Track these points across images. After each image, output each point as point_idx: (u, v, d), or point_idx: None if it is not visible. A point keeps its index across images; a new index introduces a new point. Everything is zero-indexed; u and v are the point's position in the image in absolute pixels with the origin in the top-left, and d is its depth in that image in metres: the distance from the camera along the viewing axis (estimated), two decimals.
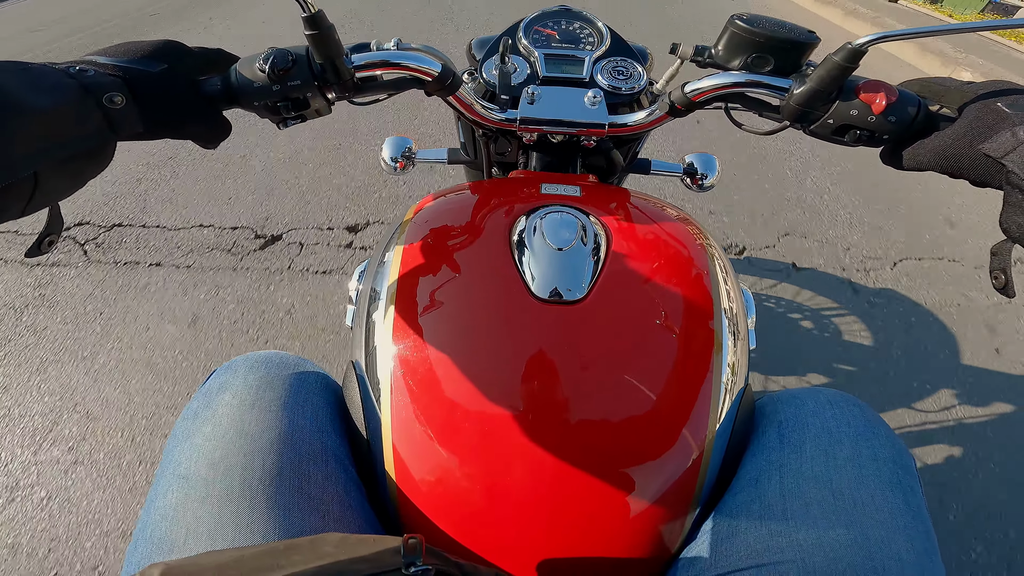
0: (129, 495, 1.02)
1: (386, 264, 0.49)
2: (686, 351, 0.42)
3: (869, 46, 0.36)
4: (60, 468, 1.06)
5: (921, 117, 0.39)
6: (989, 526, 1.03)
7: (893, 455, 0.39)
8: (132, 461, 1.07)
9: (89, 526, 0.97)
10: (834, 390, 0.45)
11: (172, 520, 0.34)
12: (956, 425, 1.20)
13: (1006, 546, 1.00)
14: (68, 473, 1.05)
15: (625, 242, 0.48)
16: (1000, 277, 0.36)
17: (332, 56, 0.39)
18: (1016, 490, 1.09)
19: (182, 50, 0.38)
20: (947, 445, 1.16)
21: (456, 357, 0.41)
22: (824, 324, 1.43)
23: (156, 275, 1.51)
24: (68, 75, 0.32)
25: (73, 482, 1.03)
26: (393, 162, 0.74)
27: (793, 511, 0.36)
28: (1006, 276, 0.36)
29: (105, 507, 1.00)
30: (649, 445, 0.39)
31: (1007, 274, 0.36)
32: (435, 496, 0.38)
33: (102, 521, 0.98)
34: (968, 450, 1.15)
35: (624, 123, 0.55)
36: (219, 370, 0.45)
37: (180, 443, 0.39)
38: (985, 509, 1.05)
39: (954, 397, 1.26)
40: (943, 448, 1.15)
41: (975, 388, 1.29)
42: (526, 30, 0.64)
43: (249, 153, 2.05)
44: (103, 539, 0.95)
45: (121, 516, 0.98)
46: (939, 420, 1.22)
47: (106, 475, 1.05)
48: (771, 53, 0.44)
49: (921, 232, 1.82)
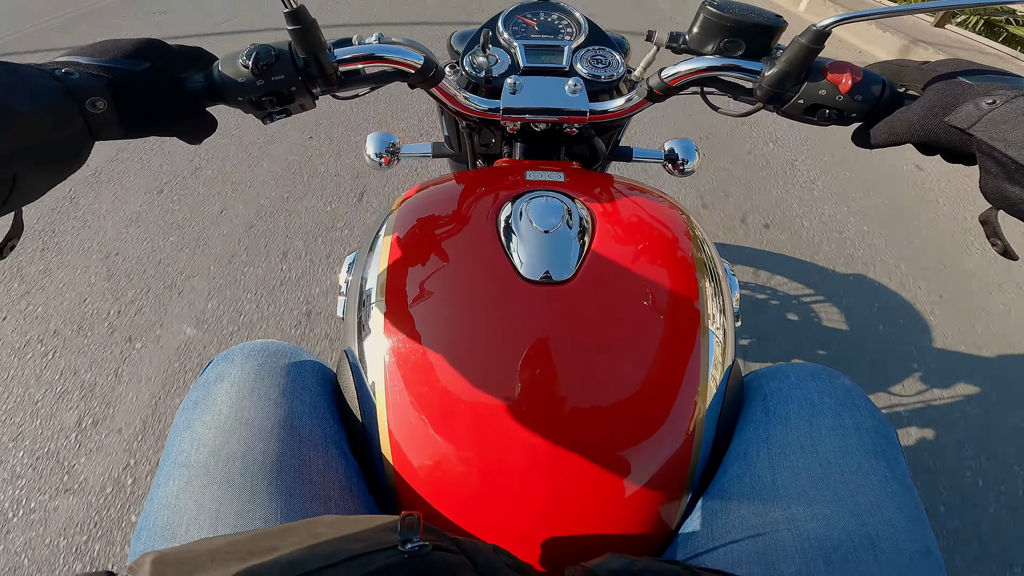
0: None
1: (375, 254, 0.49)
2: (673, 330, 0.43)
3: (833, 27, 0.38)
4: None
5: (887, 96, 0.40)
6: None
7: (875, 424, 0.40)
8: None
9: None
10: (815, 364, 0.47)
11: (174, 508, 0.34)
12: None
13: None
14: None
15: (610, 224, 0.49)
16: (997, 243, 0.37)
17: (315, 51, 0.40)
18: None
19: (163, 48, 0.38)
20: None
21: (448, 341, 0.42)
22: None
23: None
24: (54, 77, 0.32)
25: None
26: (378, 158, 0.74)
27: (783, 481, 0.37)
28: (1002, 241, 0.36)
29: None
30: (642, 422, 0.39)
31: (1002, 239, 0.36)
32: (433, 479, 0.39)
33: None
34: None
35: (604, 110, 0.57)
36: (216, 360, 0.45)
37: (181, 432, 0.39)
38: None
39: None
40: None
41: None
42: (506, 22, 0.65)
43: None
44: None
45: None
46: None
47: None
48: (742, 37, 0.46)
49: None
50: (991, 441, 1.18)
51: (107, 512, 0.97)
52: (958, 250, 1.72)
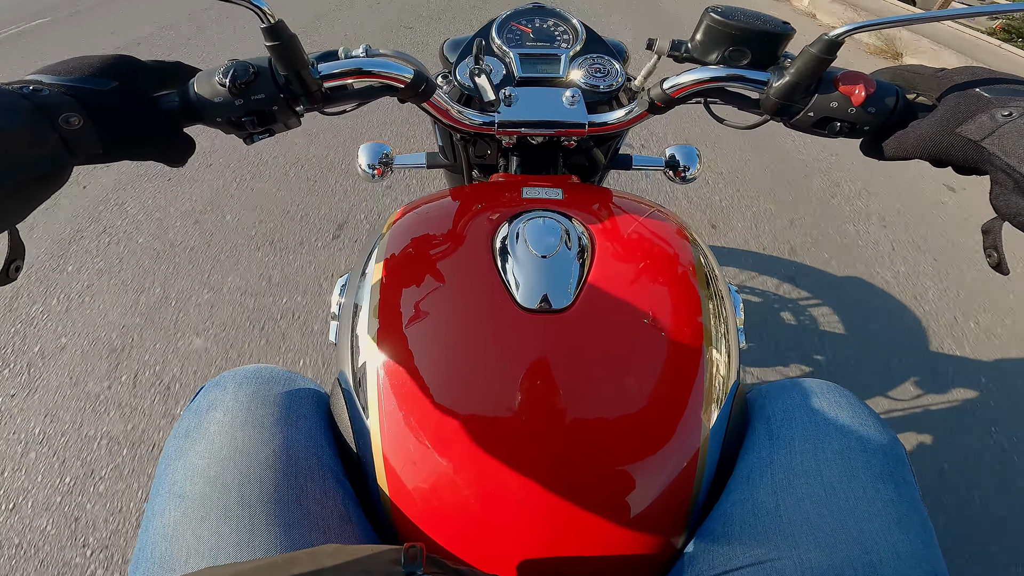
0: None
1: (367, 277, 0.48)
2: (676, 351, 0.42)
3: (845, 37, 0.36)
4: None
5: (900, 107, 0.38)
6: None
7: (882, 445, 0.39)
8: None
9: None
10: (820, 380, 0.45)
11: (171, 540, 0.34)
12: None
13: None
14: None
15: (610, 244, 0.47)
16: (993, 255, 0.36)
17: (297, 67, 0.38)
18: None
19: (135, 64, 0.36)
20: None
21: (443, 369, 0.40)
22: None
23: None
24: (21, 96, 0.30)
25: None
26: (371, 169, 0.73)
27: (786, 508, 0.36)
28: (998, 253, 0.36)
29: None
30: (645, 447, 0.38)
31: (999, 251, 0.36)
32: (431, 508, 0.38)
33: None
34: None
35: (604, 122, 0.54)
36: (207, 387, 0.44)
37: (173, 462, 0.38)
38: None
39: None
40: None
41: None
42: (499, 30, 0.63)
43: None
44: None
45: None
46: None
47: None
48: (747, 46, 0.44)
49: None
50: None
51: None
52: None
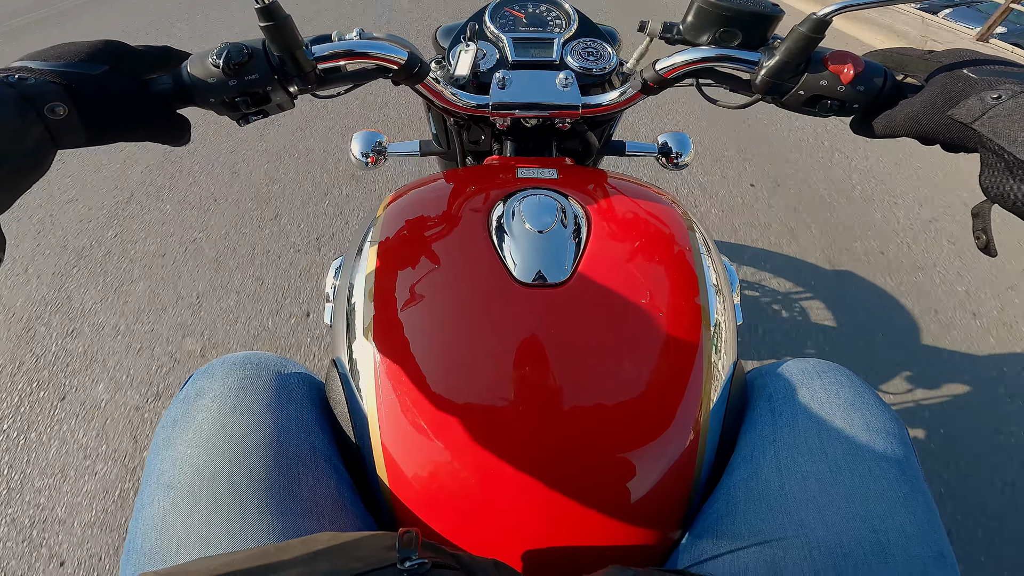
0: None
1: (363, 258, 0.47)
2: (675, 329, 0.42)
3: (834, 16, 0.36)
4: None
5: (888, 86, 0.39)
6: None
7: (885, 425, 0.39)
8: None
9: None
10: (822, 360, 0.45)
11: (161, 530, 0.33)
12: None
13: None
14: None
15: (606, 222, 0.47)
16: (981, 237, 0.36)
17: (291, 48, 0.38)
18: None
19: (124, 49, 0.36)
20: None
21: (441, 348, 0.40)
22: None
23: None
24: (7, 84, 0.30)
25: None
26: (364, 157, 0.72)
27: (791, 486, 0.36)
28: (987, 236, 0.36)
29: None
30: (645, 427, 0.38)
31: (987, 234, 0.36)
32: (429, 492, 0.38)
33: None
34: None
35: (598, 103, 0.55)
36: (196, 375, 0.43)
37: (161, 451, 0.38)
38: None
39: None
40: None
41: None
42: (492, 15, 0.63)
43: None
44: None
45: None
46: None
47: None
48: (738, 27, 0.44)
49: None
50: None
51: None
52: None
